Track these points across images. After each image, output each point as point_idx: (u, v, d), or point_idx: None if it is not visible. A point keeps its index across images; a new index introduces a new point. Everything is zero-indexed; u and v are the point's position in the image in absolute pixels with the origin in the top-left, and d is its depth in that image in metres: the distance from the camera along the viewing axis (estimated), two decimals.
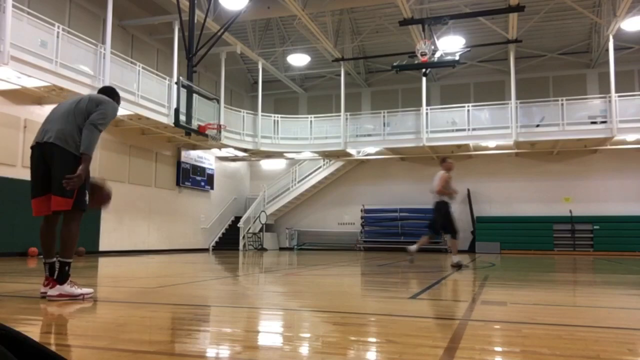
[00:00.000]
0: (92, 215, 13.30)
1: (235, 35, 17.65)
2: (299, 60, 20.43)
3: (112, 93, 4.32)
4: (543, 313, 3.59)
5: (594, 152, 18.72)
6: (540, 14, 17.11)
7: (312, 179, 21.32)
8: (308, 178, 21.44)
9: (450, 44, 17.34)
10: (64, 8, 13.86)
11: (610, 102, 16.39)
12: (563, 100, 17.14)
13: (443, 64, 15.68)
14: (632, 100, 16.90)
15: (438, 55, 15.17)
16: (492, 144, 18.49)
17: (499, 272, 7.87)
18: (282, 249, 20.80)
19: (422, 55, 14.38)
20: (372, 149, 19.84)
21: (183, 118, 13.61)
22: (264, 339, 2.58)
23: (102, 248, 14.09)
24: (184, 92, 13.79)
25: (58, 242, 3.93)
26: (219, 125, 15.50)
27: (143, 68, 14.05)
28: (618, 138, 16.56)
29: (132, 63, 13.98)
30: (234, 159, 21.20)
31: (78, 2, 14.31)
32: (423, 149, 18.70)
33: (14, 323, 2.78)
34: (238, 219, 20.46)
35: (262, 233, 20.26)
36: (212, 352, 2.27)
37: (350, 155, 20.04)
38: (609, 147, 17.69)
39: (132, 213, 15.59)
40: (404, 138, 18.60)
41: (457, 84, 21.02)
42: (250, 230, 20.10)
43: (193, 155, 18.82)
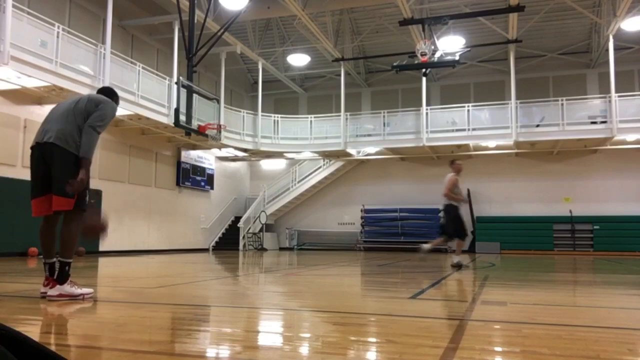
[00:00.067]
0: None
1: (235, 35, 17.65)
2: (299, 60, 20.42)
3: (111, 93, 4.33)
4: (543, 313, 3.60)
5: (594, 152, 18.72)
6: (540, 14, 17.10)
7: (312, 179, 21.31)
8: (308, 178, 21.43)
9: (450, 44, 17.33)
10: (64, 8, 13.86)
11: (610, 102, 16.38)
12: (563, 100, 17.13)
13: (443, 64, 15.68)
14: (632, 100, 16.90)
15: (438, 55, 15.16)
16: (492, 144, 18.48)
17: (499, 272, 7.87)
18: (282, 249, 20.79)
19: (422, 55, 14.38)
20: (372, 149, 19.84)
21: (183, 118, 13.60)
22: (264, 339, 2.59)
23: (102, 248, 14.08)
24: (184, 92, 13.78)
25: (58, 242, 3.94)
26: (219, 125, 15.49)
27: (143, 68, 14.05)
28: (618, 138, 16.55)
29: (132, 63, 13.98)
30: (234, 159, 21.20)
31: (78, 2, 14.31)
32: (423, 149, 18.70)
33: (14, 323, 2.78)
34: (238, 219, 20.45)
35: (262, 233, 20.26)
36: (212, 352, 2.27)
37: (350, 155, 20.03)
38: (609, 147, 17.68)
39: (132, 213, 15.60)
40: (404, 138, 18.59)
41: (457, 84, 21.01)
42: (250, 230, 20.09)
43: (193, 155, 18.82)
